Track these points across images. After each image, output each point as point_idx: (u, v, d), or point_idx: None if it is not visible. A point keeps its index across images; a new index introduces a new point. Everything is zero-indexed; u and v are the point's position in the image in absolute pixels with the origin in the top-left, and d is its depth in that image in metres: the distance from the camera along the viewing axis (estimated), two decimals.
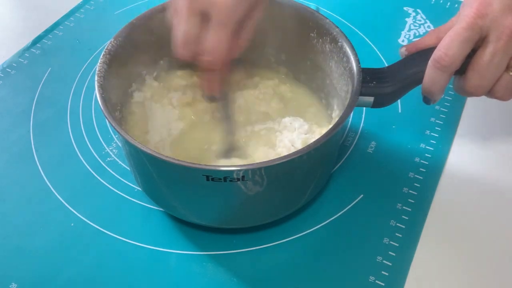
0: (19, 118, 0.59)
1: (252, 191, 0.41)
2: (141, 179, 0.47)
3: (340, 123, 0.41)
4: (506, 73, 0.41)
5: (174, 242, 0.47)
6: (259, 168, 0.39)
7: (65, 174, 0.53)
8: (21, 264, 0.46)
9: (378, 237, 0.47)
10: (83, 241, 0.48)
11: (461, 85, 0.43)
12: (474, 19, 0.40)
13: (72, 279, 0.45)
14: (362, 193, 0.51)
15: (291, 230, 0.48)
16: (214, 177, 0.38)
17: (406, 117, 0.58)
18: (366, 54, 0.65)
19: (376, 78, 0.44)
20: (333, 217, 0.49)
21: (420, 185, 0.51)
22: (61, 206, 0.50)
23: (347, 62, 0.46)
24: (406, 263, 0.46)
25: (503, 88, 0.42)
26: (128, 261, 0.46)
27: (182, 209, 0.46)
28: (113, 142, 0.56)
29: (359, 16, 0.71)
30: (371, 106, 0.45)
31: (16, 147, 0.55)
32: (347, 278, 0.45)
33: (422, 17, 0.71)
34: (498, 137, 0.56)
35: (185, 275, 0.45)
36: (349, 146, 0.55)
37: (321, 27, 0.49)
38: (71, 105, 0.60)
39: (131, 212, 0.50)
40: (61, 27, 0.70)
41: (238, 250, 0.47)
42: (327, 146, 0.42)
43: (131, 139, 0.39)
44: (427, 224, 0.48)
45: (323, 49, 0.50)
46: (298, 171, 0.42)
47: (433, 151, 0.54)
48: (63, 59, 0.66)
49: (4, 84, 0.63)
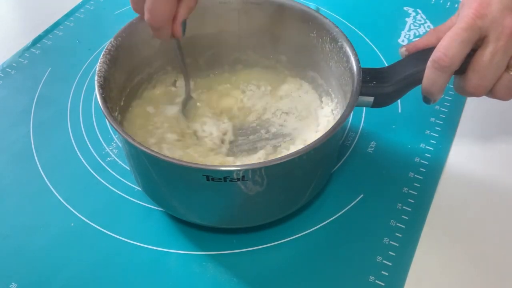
0: (19, 118, 0.59)
1: (252, 191, 0.41)
2: (141, 179, 0.47)
3: (340, 123, 0.41)
4: (507, 72, 0.41)
5: (174, 242, 0.47)
6: (259, 168, 0.39)
7: (65, 174, 0.53)
8: (21, 264, 0.46)
9: (378, 237, 0.47)
10: (83, 241, 0.48)
11: (462, 85, 0.43)
12: (473, 19, 0.40)
13: (72, 279, 0.45)
14: (362, 193, 0.51)
15: (291, 230, 0.48)
16: (214, 177, 0.38)
17: (406, 117, 0.58)
18: (366, 54, 0.65)
19: (376, 78, 0.44)
20: (333, 217, 0.49)
21: (420, 185, 0.51)
22: (61, 206, 0.50)
23: (347, 62, 0.46)
24: (406, 263, 0.46)
25: (503, 88, 0.42)
26: (128, 261, 0.46)
27: (182, 209, 0.46)
28: (113, 142, 0.56)
29: (359, 16, 0.71)
30: (371, 106, 0.45)
31: (16, 147, 0.55)
32: (347, 278, 0.45)
33: (422, 17, 0.71)
34: (498, 137, 0.56)
35: (185, 275, 0.45)
36: (349, 146, 0.55)
37: (321, 27, 0.49)
38: (71, 105, 0.60)
39: (131, 212, 0.50)
40: (61, 27, 0.70)
41: (238, 250, 0.47)
42: (327, 146, 0.42)
43: (131, 139, 0.39)
44: (427, 224, 0.48)
45: (323, 49, 0.50)
46: (298, 171, 0.42)
47: (433, 151, 0.54)
48: (63, 59, 0.66)
49: (4, 84, 0.63)
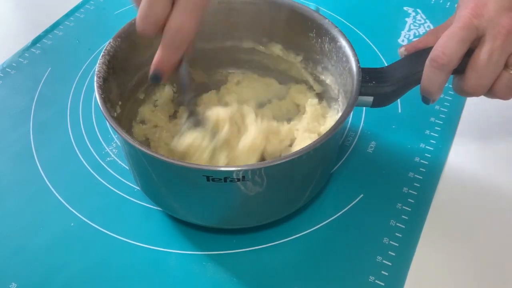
0: (19, 118, 0.59)
1: (252, 191, 0.41)
2: (141, 180, 0.47)
3: (340, 123, 0.41)
4: (505, 71, 0.41)
5: (174, 242, 0.47)
6: (259, 169, 0.39)
7: (65, 174, 0.53)
8: (21, 264, 0.46)
9: (378, 237, 0.47)
10: (83, 241, 0.48)
11: (460, 85, 0.43)
12: (469, 19, 0.40)
13: (72, 279, 0.45)
14: (362, 193, 0.51)
15: (291, 230, 0.48)
16: (214, 178, 0.38)
17: (406, 117, 0.58)
18: (366, 54, 0.65)
19: (375, 78, 0.44)
20: (333, 217, 0.49)
21: (420, 185, 0.51)
22: (61, 206, 0.50)
23: (347, 62, 0.46)
24: (406, 263, 0.46)
25: (502, 87, 0.42)
26: (128, 261, 0.46)
27: (182, 210, 0.46)
28: (113, 142, 0.56)
29: (359, 16, 0.71)
30: (371, 105, 0.45)
31: (16, 147, 0.56)
32: (347, 278, 0.45)
33: (422, 17, 0.71)
34: (498, 137, 0.56)
35: (185, 275, 0.45)
36: (349, 146, 0.55)
37: (320, 26, 0.49)
38: (71, 105, 0.60)
39: (131, 212, 0.50)
40: (61, 27, 0.70)
41: (238, 250, 0.47)
42: (326, 146, 0.42)
43: (131, 139, 0.39)
44: (427, 224, 0.48)
45: (322, 48, 0.50)
46: (298, 171, 0.42)
47: (433, 151, 0.54)
48: (63, 59, 0.66)
49: (4, 84, 0.63)
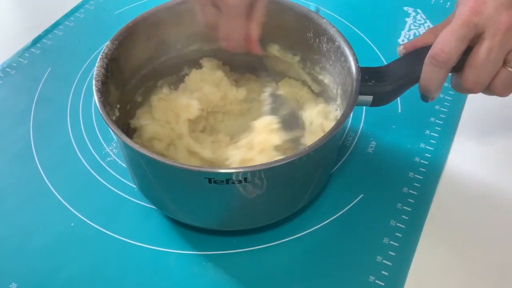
0: (19, 118, 0.59)
1: (253, 193, 0.41)
2: (141, 183, 0.47)
3: (340, 123, 0.41)
4: (504, 68, 0.41)
5: (174, 242, 0.47)
6: (259, 170, 0.39)
7: (65, 174, 0.53)
8: (21, 264, 0.46)
9: (378, 237, 0.47)
10: (83, 241, 0.48)
11: (459, 82, 0.44)
12: (469, 16, 0.41)
13: (72, 279, 0.45)
14: (362, 193, 0.51)
15: (291, 230, 0.48)
16: (216, 180, 0.38)
17: (406, 117, 0.58)
18: (366, 54, 0.65)
19: (374, 77, 0.44)
20: (333, 217, 0.49)
21: (420, 185, 0.51)
22: (61, 206, 0.50)
23: (345, 62, 0.46)
24: (406, 263, 0.46)
25: (501, 84, 0.42)
26: (127, 261, 0.46)
27: (182, 213, 0.46)
28: (113, 142, 0.56)
29: (359, 16, 0.71)
30: (370, 105, 0.45)
31: (16, 147, 0.56)
32: (347, 278, 0.45)
33: (422, 17, 0.71)
34: (498, 136, 0.56)
35: (185, 275, 0.45)
36: (349, 146, 0.55)
37: (317, 26, 0.49)
38: (71, 105, 0.60)
39: (131, 212, 0.50)
40: (61, 27, 0.70)
41: (238, 250, 0.47)
42: (326, 146, 0.42)
43: (132, 142, 0.39)
44: (427, 224, 0.48)
45: (320, 48, 0.50)
46: (299, 172, 0.42)
47: (433, 151, 0.54)
48: (63, 59, 0.66)
49: (4, 84, 0.63)
